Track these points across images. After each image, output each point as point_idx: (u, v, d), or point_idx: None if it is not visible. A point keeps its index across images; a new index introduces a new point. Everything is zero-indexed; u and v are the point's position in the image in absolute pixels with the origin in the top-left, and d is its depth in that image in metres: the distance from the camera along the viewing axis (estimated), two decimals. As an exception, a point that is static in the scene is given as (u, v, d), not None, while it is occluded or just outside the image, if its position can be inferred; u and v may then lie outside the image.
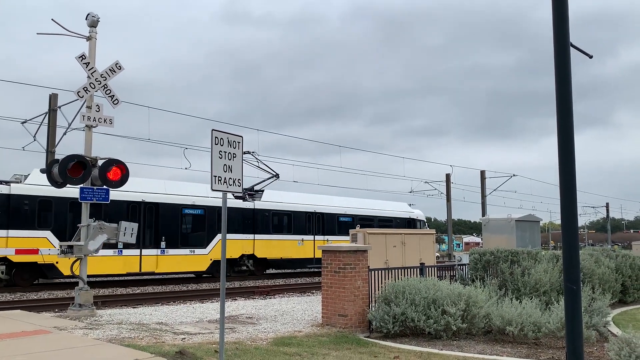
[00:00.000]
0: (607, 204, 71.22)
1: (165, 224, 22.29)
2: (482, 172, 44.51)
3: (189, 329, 9.74)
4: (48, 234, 19.53)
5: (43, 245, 19.33)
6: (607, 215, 71.57)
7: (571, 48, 4.54)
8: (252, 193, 24.54)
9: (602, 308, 10.25)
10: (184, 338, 8.69)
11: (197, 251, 23.26)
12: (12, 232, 18.85)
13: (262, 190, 24.99)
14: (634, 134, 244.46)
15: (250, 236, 25.25)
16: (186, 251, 22.85)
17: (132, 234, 11.70)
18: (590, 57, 5.01)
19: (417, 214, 34.76)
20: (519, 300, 9.89)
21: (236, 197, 23.84)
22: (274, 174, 24.91)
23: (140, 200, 21.80)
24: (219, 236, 23.58)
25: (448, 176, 42.40)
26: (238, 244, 24.65)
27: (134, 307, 13.85)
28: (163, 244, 22.06)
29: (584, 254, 14.91)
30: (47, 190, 18.30)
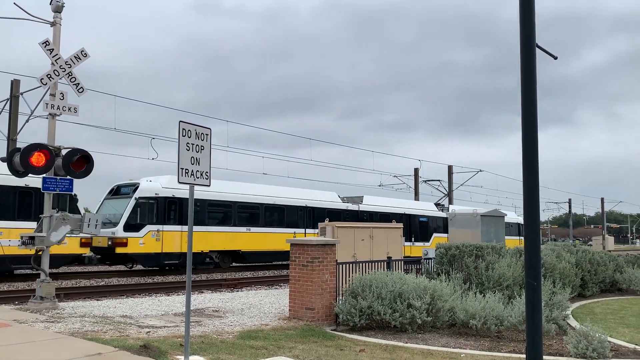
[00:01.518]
0: (570, 200, 73.26)
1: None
2: (450, 167, 45.16)
3: (154, 322, 9.62)
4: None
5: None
6: (569, 211, 73.58)
7: (537, 49, 4.63)
8: None
9: (562, 302, 10.54)
10: (149, 332, 8.59)
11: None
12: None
13: None
14: (594, 133, 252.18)
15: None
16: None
17: (96, 225, 11.48)
18: (555, 58, 5.11)
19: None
20: (482, 294, 10.09)
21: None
22: None
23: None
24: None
25: (416, 170, 42.89)
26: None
27: (98, 300, 13.61)
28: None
29: (546, 249, 15.32)
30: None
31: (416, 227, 33.82)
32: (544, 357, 6.98)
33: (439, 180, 43.47)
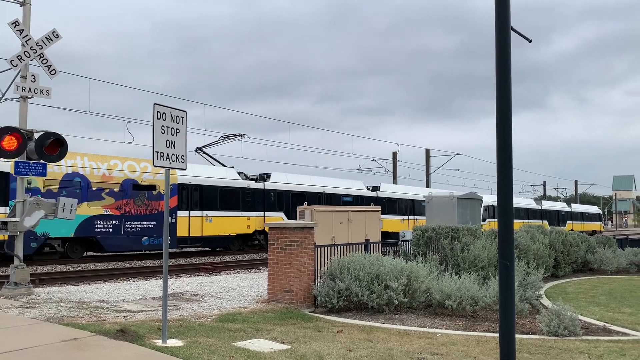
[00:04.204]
0: (545, 182, 74.61)
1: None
2: (427, 151, 45.50)
3: (131, 306, 9.57)
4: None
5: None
6: (544, 193, 74.90)
7: (512, 32, 4.66)
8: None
9: (535, 282, 10.78)
10: (126, 316, 8.54)
11: None
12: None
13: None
14: (566, 117, 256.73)
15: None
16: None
17: (71, 210, 11.31)
18: (530, 41, 5.16)
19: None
20: (458, 275, 10.25)
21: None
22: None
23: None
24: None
25: (395, 154, 43.14)
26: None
27: (74, 285, 13.47)
28: None
29: (520, 231, 15.59)
30: None
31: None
32: (518, 335, 7.15)
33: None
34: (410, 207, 35.87)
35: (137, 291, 11.70)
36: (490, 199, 38.97)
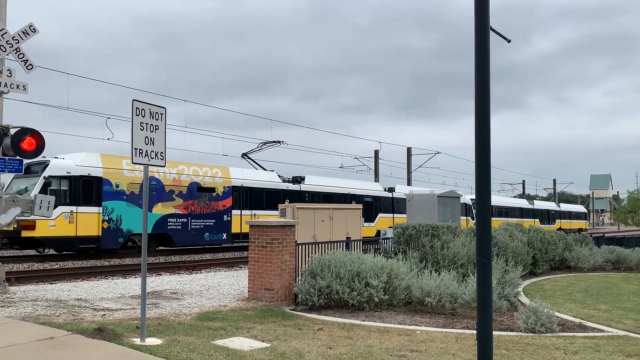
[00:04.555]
0: (524, 181, 75.60)
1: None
2: (409, 149, 45.74)
3: (110, 305, 9.47)
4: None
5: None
6: (523, 192, 75.87)
7: (491, 32, 4.70)
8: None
9: (514, 279, 10.91)
10: (104, 314, 8.45)
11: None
12: None
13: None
14: (545, 117, 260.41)
15: None
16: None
17: (48, 207, 11.13)
18: (509, 41, 5.20)
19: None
20: (438, 273, 10.33)
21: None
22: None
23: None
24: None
25: (376, 152, 43.28)
26: None
27: (51, 284, 13.27)
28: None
29: (499, 229, 15.77)
30: None
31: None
32: (496, 332, 7.24)
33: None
34: None
35: (115, 289, 11.57)
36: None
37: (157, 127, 6.67)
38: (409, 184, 44.70)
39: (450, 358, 6.32)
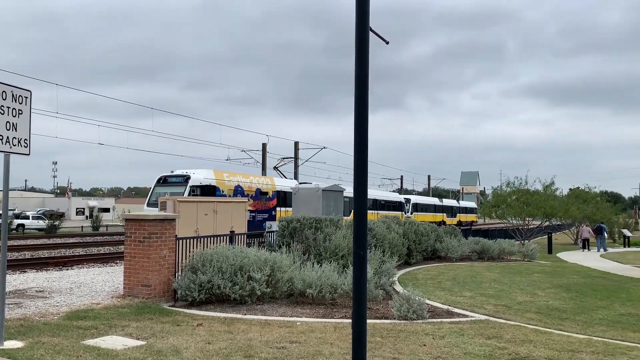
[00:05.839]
0: (402, 176, 79.69)
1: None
2: (296, 143, 46.23)
3: (-38, 307, 8.53)
4: None
5: None
6: (401, 186, 79.94)
7: (371, 33, 4.87)
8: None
9: (390, 269, 11.48)
10: (-44, 318, 7.60)
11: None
12: None
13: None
14: (422, 117, 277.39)
15: None
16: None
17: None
18: (387, 42, 5.42)
19: None
20: (320, 265, 10.56)
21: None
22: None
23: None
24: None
25: (264, 145, 43.18)
26: None
27: None
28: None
29: (378, 222, 16.50)
30: None
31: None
32: (371, 320, 7.57)
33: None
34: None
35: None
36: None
37: (20, 112, 6.11)
38: (295, 177, 45.15)
39: (328, 347, 6.50)
